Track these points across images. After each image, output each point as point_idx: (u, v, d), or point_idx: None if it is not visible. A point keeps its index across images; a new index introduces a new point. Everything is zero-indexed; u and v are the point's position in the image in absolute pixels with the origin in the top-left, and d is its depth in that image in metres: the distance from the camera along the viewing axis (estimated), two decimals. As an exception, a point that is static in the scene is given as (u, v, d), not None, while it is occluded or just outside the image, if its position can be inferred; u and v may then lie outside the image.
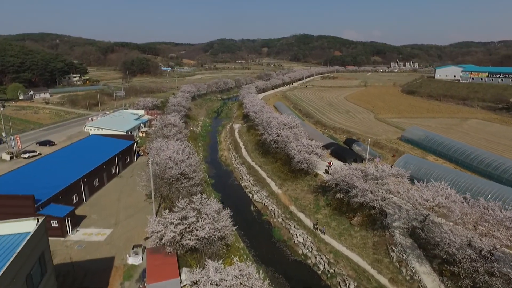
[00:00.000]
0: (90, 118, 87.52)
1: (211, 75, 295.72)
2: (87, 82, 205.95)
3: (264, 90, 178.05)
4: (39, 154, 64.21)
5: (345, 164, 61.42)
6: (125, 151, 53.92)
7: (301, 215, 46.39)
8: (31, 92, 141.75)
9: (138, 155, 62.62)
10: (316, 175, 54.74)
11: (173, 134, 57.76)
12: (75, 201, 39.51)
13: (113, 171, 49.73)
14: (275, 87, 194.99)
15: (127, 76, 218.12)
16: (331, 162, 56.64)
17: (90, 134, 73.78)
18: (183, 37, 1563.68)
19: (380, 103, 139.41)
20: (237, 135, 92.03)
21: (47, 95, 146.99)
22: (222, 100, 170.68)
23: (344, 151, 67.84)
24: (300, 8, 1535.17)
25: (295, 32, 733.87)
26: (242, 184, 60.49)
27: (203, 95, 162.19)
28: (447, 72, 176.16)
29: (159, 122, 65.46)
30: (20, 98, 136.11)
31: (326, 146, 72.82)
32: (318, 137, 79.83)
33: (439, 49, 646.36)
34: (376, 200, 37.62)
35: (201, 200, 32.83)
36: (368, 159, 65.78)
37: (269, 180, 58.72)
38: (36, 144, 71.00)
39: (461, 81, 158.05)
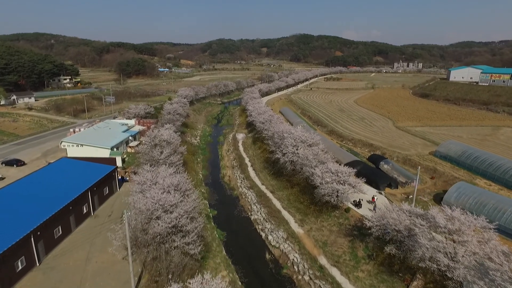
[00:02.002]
0: (71, 130, 75.54)
1: (210, 76, 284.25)
2: (79, 84, 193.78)
3: (267, 94, 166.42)
4: (2, 178, 52.33)
5: (380, 193, 49.92)
6: (103, 180, 42.16)
7: (336, 272, 34.62)
8: (14, 97, 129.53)
9: (123, 180, 50.75)
10: (348, 210, 43.02)
11: (165, 157, 45.96)
12: (20, 267, 27.73)
13: (85, 210, 37.90)
14: (278, 89, 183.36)
15: (121, 78, 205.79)
16: (375, 197, 44.66)
17: (67, 151, 61.89)
18: (181, 37, 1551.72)
19: (394, 108, 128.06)
20: (241, 148, 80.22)
21: (32, 99, 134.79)
22: (223, 104, 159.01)
23: (374, 173, 56.13)
24: (299, 8, 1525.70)
25: (295, 32, 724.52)
26: (252, 218, 48.70)
27: (201, 98, 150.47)
28: (463, 74, 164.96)
29: (149, 138, 53.57)
30: (1, 103, 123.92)
31: (349, 165, 61.20)
32: (336, 152, 68.18)
33: (441, 49, 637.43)
34: (457, 269, 25.89)
35: (201, 281, 21.08)
36: (404, 183, 54.36)
37: (285, 214, 46.95)
38: (1, 164, 59.00)
39: (480, 84, 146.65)
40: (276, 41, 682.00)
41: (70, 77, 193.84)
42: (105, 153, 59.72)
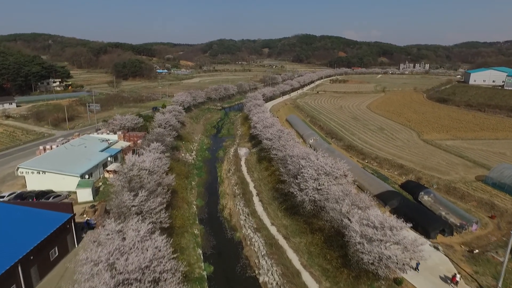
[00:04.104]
0: (41, 147, 62.89)
1: (210, 78, 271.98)
2: (69, 87, 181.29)
3: (271, 98, 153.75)
4: None
5: (437, 248, 37.01)
6: (49, 240, 29.57)
7: None
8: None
9: (88, 226, 37.93)
10: (400, 281, 30.25)
11: (140, 202, 33.13)
12: None
13: (11, 295, 25.32)
14: (283, 93, 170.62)
15: (114, 80, 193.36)
16: (458, 277, 30.78)
17: (25, 180, 49.28)
18: (181, 37, 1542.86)
19: (413, 115, 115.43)
20: (244, 168, 67.53)
21: (13, 105, 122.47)
22: (223, 110, 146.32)
23: (418, 211, 43.32)
24: (300, 7, 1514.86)
25: (296, 32, 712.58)
26: (260, 280, 35.94)
27: (200, 104, 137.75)
28: (484, 77, 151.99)
29: (126, 167, 40.89)
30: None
31: (381, 198, 48.62)
32: (361, 177, 55.58)
33: (447, 50, 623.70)
34: None
35: None
36: (459, 226, 41.50)
37: (307, 277, 34.21)
38: None
39: (506, 88, 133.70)
40: (277, 41, 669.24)
41: (60, 79, 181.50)
42: (72, 183, 47.19)
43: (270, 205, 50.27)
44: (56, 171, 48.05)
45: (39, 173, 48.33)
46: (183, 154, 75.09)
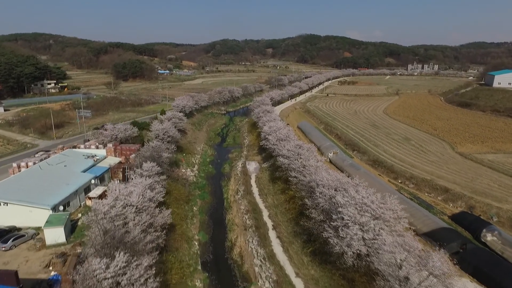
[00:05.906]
0: (15, 164, 52.83)
1: (213, 79, 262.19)
2: (65, 89, 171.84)
3: (279, 102, 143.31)
4: None
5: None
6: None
7: None
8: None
9: (54, 280, 27.60)
10: None
11: (117, 270, 22.47)
12: None
13: None
14: (291, 96, 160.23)
15: (112, 82, 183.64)
16: None
17: (-17, 212, 39.16)
18: (184, 37, 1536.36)
19: (437, 122, 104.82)
20: (255, 189, 57.21)
21: (0, 109, 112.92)
22: (227, 114, 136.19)
23: (493, 263, 32.76)
24: (304, 7, 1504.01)
25: (299, 32, 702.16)
26: None
27: (203, 108, 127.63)
28: (510, 79, 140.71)
29: (106, 205, 30.74)
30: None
31: (434, 238, 38.07)
32: (401, 205, 44.82)
33: (455, 50, 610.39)
34: None
35: None
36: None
37: None
38: None
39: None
40: (281, 41, 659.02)
41: (55, 81, 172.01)
42: (42, 216, 37.05)
43: (292, 245, 39.88)
44: (21, 202, 37.91)
45: (1, 204, 38.24)
46: (183, 170, 64.89)
